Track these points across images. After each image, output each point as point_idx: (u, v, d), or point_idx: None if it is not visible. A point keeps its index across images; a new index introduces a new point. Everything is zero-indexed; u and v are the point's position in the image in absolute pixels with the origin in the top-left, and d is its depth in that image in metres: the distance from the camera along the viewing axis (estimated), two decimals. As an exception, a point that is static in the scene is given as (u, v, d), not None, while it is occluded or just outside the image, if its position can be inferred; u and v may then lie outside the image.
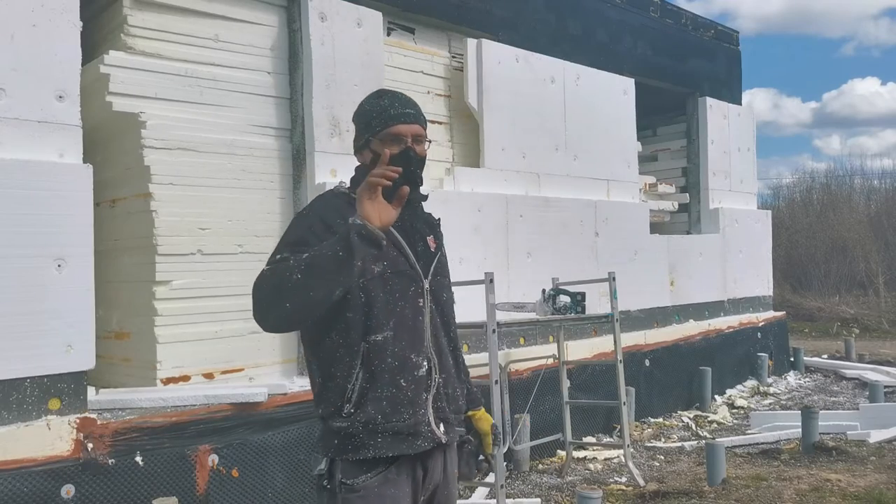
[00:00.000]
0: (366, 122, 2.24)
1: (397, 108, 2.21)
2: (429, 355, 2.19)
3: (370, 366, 2.10)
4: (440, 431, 2.18)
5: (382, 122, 2.19)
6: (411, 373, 2.13)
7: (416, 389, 2.14)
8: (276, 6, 5.30)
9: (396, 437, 2.10)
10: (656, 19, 8.86)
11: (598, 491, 4.40)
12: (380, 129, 2.19)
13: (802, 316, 17.14)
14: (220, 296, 4.82)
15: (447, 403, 2.23)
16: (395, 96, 2.26)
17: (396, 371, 2.11)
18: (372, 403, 2.09)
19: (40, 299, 3.77)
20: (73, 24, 4.00)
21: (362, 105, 2.29)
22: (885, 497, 4.90)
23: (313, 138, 5.19)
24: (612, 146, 7.76)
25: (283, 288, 1.93)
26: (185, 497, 4.08)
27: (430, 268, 2.24)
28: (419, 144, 2.21)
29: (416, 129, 2.21)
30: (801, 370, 10.45)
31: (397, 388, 2.11)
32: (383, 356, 2.10)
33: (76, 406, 3.88)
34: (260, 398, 4.41)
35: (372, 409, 2.08)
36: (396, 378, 2.11)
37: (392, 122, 2.19)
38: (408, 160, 2.09)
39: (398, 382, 2.11)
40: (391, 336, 2.11)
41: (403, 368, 2.12)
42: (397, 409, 2.10)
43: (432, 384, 2.18)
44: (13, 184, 3.71)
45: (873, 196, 24.52)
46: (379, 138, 2.19)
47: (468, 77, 6.39)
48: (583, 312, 5.46)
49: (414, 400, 2.13)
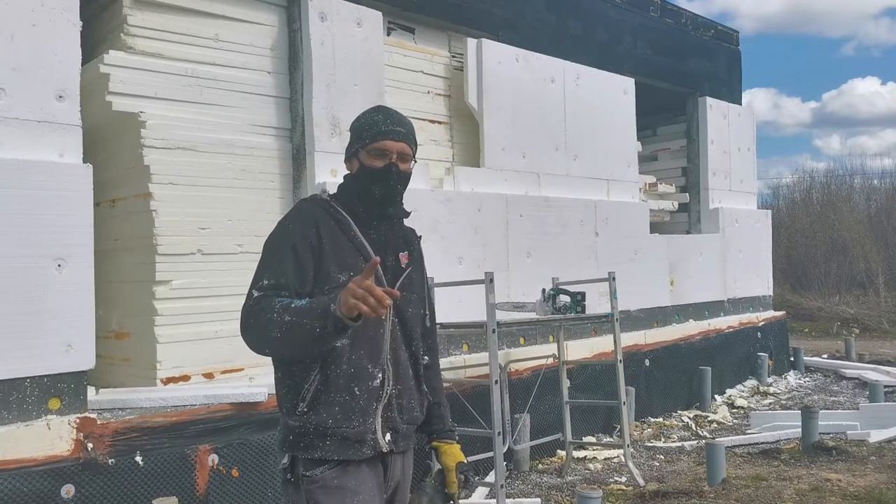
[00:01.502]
0: (358, 134, 2.32)
1: (388, 124, 2.29)
2: (384, 367, 2.24)
3: (327, 370, 2.17)
4: (384, 441, 2.24)
5: (372, 136, 2.27)
6: (366, 382, 2.20)
7: (369, 399, 2.20)
8: (276, 6, 5.30)
9: (344, 443, 2.17)
10: (656, 19, 8.86)
11: (598, 491, 4.40)
12: (369, 142, 2.27)
13: (802, 316, 17.14)
14: (220, 296, 4.81)
15: (399, 414, 2.28)
16: (389, 113, 2.34)
17: (351, 378, 2.18)
18: (325, 407, 2.16)
19: (40, 299, 3.77)
20: (73, 24, 4.00)
21: (358, 118, 2.37)
22: (885, 497, 4.90)
23: (313, 138, 5.19)
24: (612, 146, 7.76)
25: (263, 338, 2.09)
26: (185, 497, 4.08)
27: (397, 282, 2.29)
28: (404, 162, 2.30)
29: (403, 148, 2.30)
30: (801, 370, 10.46)
31: (350, 396, 2.18)
32: (339, 362, 2.17)
33: (76, 406, 3.88)
34: (260, 398, 4.41)
35: (324, 413, 2.16)
36: (351, 385, 2.18)
37: (381, 136, 2.27)
38: (388, 175, 2.25)
39: (352, 390, 2.18)
40: (348, 344, 2.17)
41: (358, 377, 2.19)
42: (348, 416, 2.17)
43: (384, 395, 2.24)
44: (13, 184, 3.71)
45: (873, 196, 24.50)
46: (366, 150, 2.28)
47: (468, 77, 6.39)
48: (583, 312, 5.46)
49: (365, 409, 2.20)
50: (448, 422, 2.51)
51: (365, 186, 2.28)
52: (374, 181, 2.26)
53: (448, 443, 2.45)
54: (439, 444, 2.46)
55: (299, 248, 2.17)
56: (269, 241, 2.27)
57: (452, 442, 2.47)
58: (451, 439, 2.47)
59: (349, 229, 2.24)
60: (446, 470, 2.40)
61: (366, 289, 1.90)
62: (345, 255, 2.19)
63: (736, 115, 9.95)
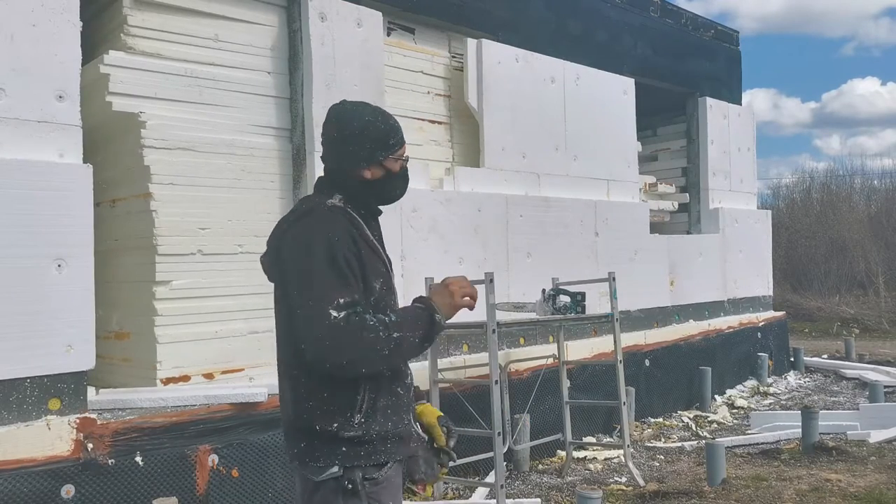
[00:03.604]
0: (382, 140, 2.31)
1: (402, 130, 2.40)
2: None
3: (376, 377, 2.20)
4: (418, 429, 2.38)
5: (398, 142, 2.36)
6: (402, 380, 2.29)
7: (408, 395, 2.32)
8: (276, 6, 5.30)
9: (401, 442, 2.27)
10: (656, 19, 8.86)
11: (598, 491, 4.40)
12: (397, 149, 2.35)
13: (802, 316, 17.13)
14: (220, 296, 4.82)
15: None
16: (393, 117, 2.41)
17: (392, 380, 2.25)
18: (381, 413, 2.21)
19: (40, 299, 3.77)
20: (73, 24, 4.00)
21: (373, 122, 2.30)
22: (885, 497, 4.90)
23: (313, 138, 5.19)
24: (612, 146, 7.76)
25: (368, 357, 2.10)
26: (185, 497, 4.08)
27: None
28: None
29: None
30: (801, 370, 10.45)
31: (396, 397, 2.26)
32: None
33: (76, 406, 3.88)
34: (260, 398, 4.41)
35: (381, 418, 2.21)
36: (394, 386, 2.26)
37: (403, 143, 2.39)
38: (407, 178, 2.42)
39: (396, 391, 2.26)
40: None
41: (397, 377, 2.27)
42: (400, 416, 2.26)
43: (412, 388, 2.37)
44: (13, 184, 3.71)
45: (873, 196, 24.50)
46: (394, 156, 2.34)
47: (468, 77, 6.39)
48: (583, 312, 5.45)
49: (408, 406, 2.31)
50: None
51: (388, 191, 2.37)
52: (400, 186, 2.39)
53: (420, 403, 2.49)
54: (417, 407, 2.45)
55: (352, 264, 2.16)
56: (320, 253, 2.13)
57: (423, 401, 2.52)
58: (421, 399, 2.52)
59: (367, 236, 2.26)
60: (430, 427, 2.43)
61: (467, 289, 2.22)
62: (375, 263, 2.24)
63: (736, 115, 9.95)
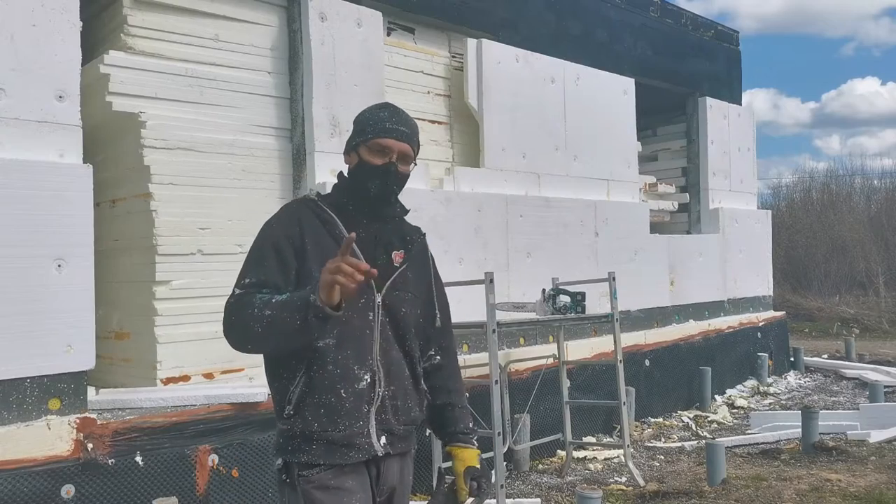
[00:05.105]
0: (361, 128, 2.26)
1: (393, 122, 2.24)
2: (374, 368, 2.16)
3: (311, 372, 2.12)
4: (380, 444, 2.17)
5: (375, 132, 2.22)
6: (352, 384, 2.13)
7: (356, 401, 2.14)
8: (276, 6, 5.30)
9: (331, 447, 2.12)
10: (656, 19, 8.86)
11: (598, 491, 4.40)
12: (371, 137, 2.22)
13: (802, 316, 17.14)
14: (220, 296, 4.73)
15: (394, 415, 2.21)
16: (395, 111, 2.28)
17: (337, 380, 2.12)
18: (310, 410, 2.11)
19: (40, 299, 3.77)
20: (73, 24, 4.00)
21: (363, 112, 2.32)
22: (885, 497, 4.90)
23: (313, 138, 5.19)
24: (612, 146, 7.76)
25: (246, 334, 2.08)
26: (185, 497, 4.08)
27: (387, 282, 2.20)
28: (404, 164, 2.25)
29: (405, 149, 2.24)
30: (801, 370, 10.45)
31: (336, 398, 2.12)
32: (324, 364, 2.11)
33: (76, 406, 3.88)
34: (260, 398, 4.41)
35: (310, 416, 2.11)
36: (336, 387, 2.12)
37: (384, 134, 2.22)
38: (387, 174, 2.20)
39: (338, 392, 2.12)
40: (333, 344, 2.12)
41: (344, 378, 2.12)
42: (334, 420, 2.11)
43: (376, 397, 2.17)
44: (13, 184, 3.71)
45: (873, 196, 24.51)
46: (367, 146, 2.22)
47: (468, 77, 6.39)
48: (583, 312, 5.46)
49: (352, 412, 2.13)
50: (463, 425, 2.39)
51: (361, 183, 2.23)
52: (371, 178, 2.21)
53: (461, 447, 2.35)
54: (452, 449, 2.36)
55: (282, 247, 2.14)
56: (254, 241, 2.24)
57: (467, 446, 2.36)
58: (467, 443, 2.36)
59: (335, 228, 2.18)
60: (456, 476, 2.29)
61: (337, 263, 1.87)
62: (327, 254, 2.04)
63: (736, 115, 9.95)
